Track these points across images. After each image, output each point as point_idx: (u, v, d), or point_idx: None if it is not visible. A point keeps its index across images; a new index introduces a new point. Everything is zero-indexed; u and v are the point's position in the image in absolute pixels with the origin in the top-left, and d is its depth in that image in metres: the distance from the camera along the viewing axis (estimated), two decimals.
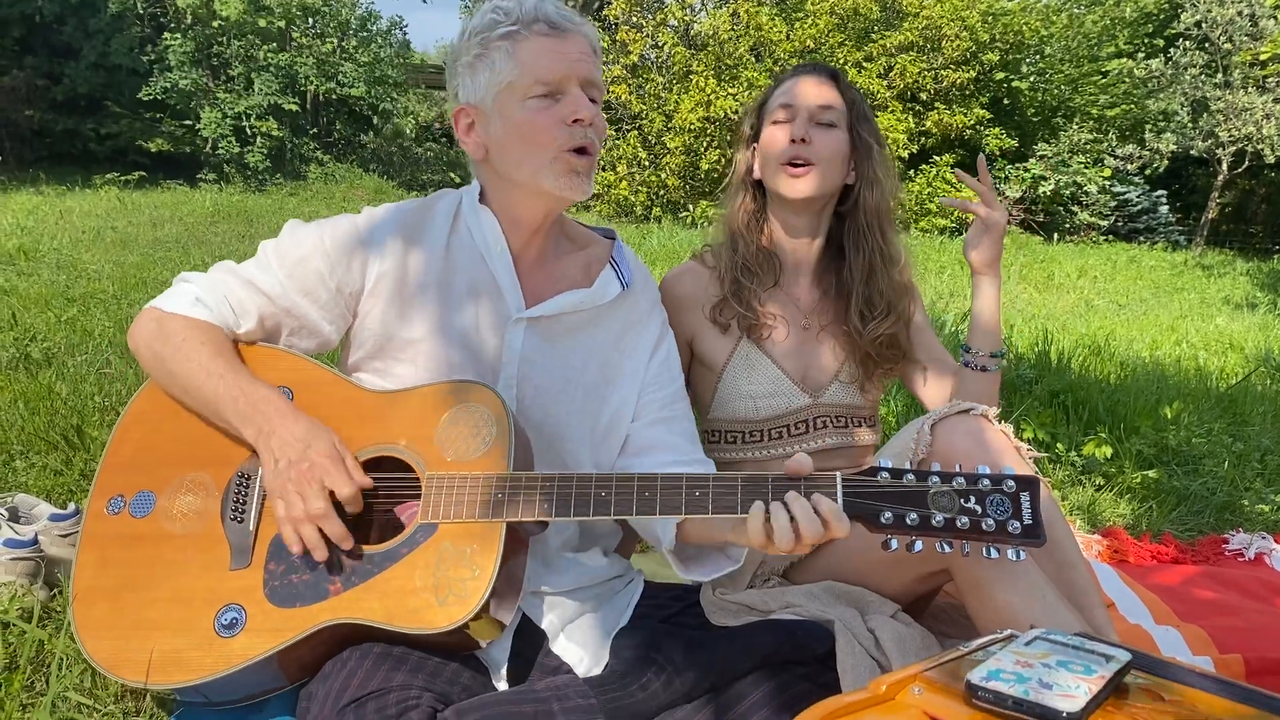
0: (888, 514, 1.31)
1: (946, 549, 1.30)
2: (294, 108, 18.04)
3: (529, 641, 1.58)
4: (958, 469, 1.32)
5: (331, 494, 1.40)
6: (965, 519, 1.29)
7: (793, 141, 1.91)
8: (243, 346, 1.57)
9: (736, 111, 16.62)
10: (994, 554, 1.29)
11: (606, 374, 1.69)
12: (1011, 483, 1.30)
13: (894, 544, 1.32)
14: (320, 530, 1.39)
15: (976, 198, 1.93)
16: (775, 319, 1.98)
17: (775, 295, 2.00)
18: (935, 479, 1.31)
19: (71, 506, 2.13)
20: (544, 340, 1.63)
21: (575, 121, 1.52)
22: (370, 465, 1.48)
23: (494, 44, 1.53)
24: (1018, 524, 1.28)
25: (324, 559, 1.39)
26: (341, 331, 1.64)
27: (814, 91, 1.95)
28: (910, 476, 1.32)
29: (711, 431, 2.04)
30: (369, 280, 1.59)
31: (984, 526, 1.28)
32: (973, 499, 1.29)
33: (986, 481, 1.30)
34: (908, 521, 1.30)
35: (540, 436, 1.61)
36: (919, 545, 1.31)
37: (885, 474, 1.33)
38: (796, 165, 1.91)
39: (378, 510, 1.54)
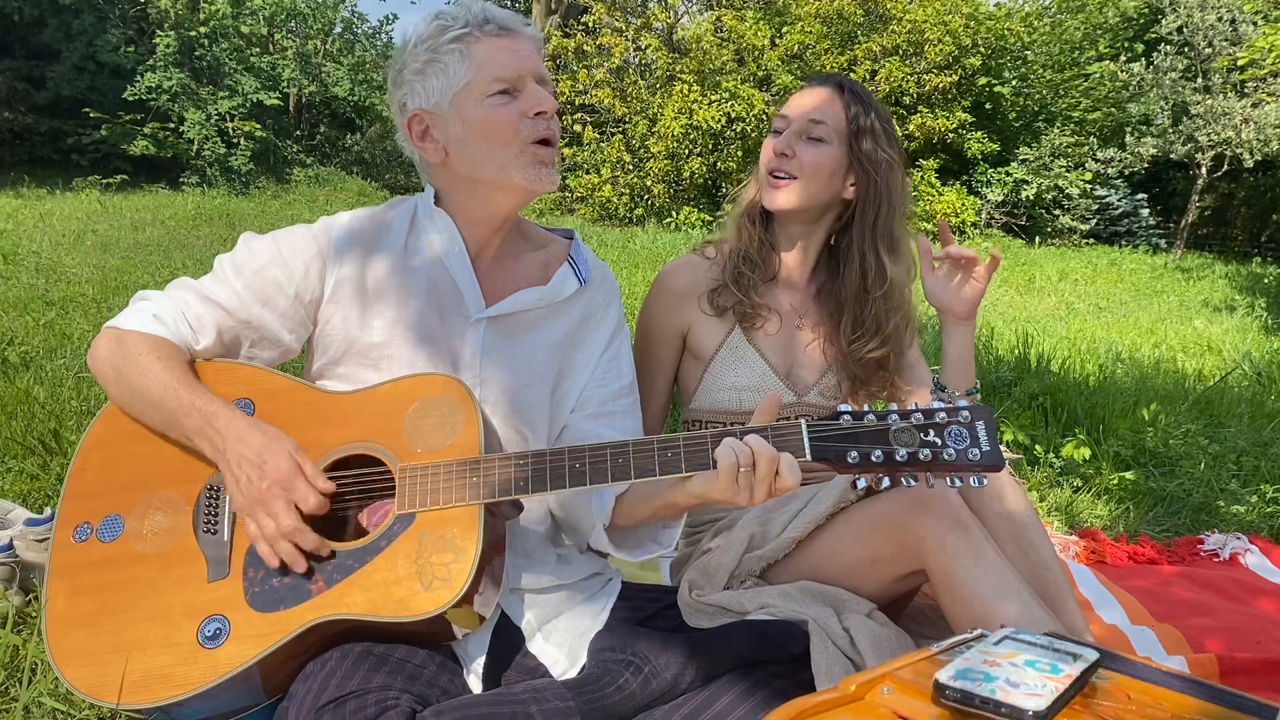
0: (854, 454, 1.35)
1: (912, 482, 1.34)
2: (277, 103, 17.98)
3: (507, 641, 1.58)
4: (914, 406, 1.37)
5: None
6: (927, 451, 1.33)
7: (775, 153, 1.93)
8: (201, 364, 1.56)
9: (718, 120, 16.67)
10: (957, 483, 1.34)
11: (561, 368, 1.71)
12: (967, 413, 1.35)
13: (862, 483, 1.36)
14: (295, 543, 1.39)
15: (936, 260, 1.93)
16: (769, 312, 1.99)
17: (772, 289, 2.03)
18: (894, 416, 1.36)
19: (48, 511, 2.12)
20: (504, 339, 1.65)
21: (538, 114, 1.55)
22: (341, 464, 1.48)
23: (444, 48, 1.54)
24: (976, 451, 1.33)
25: (303, 570, 1.39)
26: (302, 340, 1.64)
27: (809, 103, 1.95)
28: (871, 417, 1.37)
29: (692, 422, 2.05)
30: (328, 287, 1.60)
31: (945, 456, 1.33)
32: (932, 432, 1.34)
33: (943, 414, 1.35)
34: (873, 459, 1.34)
35: (508, 432, 1.63)
36: (886, 481, 1.35)
37: (847, 417, 1.37)
38: (778, 177, 1.93)
39: (353, 509, 1.53)
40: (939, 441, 1.33)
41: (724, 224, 2.14)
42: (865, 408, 1.38)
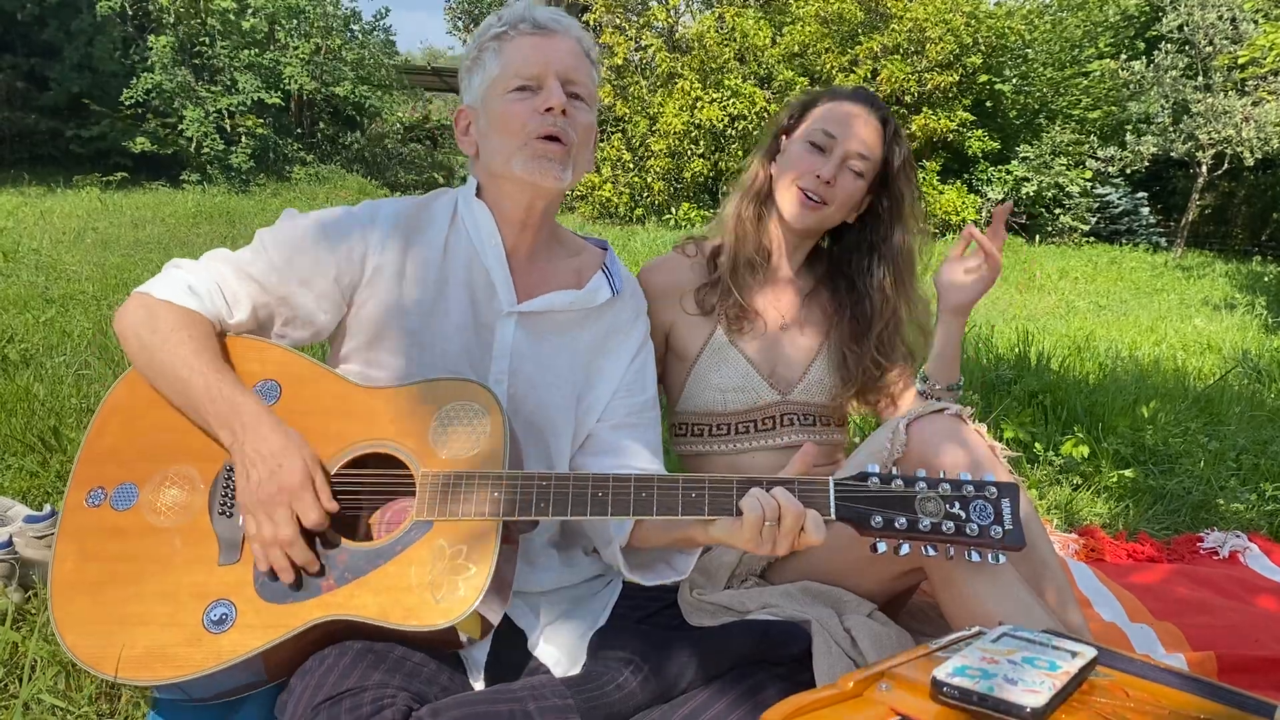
0: (878, 518, 1.36)
1: (931, 552, 1.35)
2: (278, 101, 17.97)
3: (508, 643, 1.58)
4: (942, 475, 1.37)
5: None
6: (950, 524, 1.34)
7: (818, 177, 1.91)
8: (232, 338, 1.56)
9: (721, 120, 16.65)
10: (976, 557, 1.34)
11: (588, 375, 1.71)
12: (994, 489, 1.35)
13: (881, 547, 1.36)
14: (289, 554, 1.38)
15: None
16: (756, 315, 2.00)
17: (761, 291, 2.03)
18: (922, 484, 1.36)
19: (47, 508, 2.12)
20: (533, 337, 1.66)
21: (547, 110, 1.55)
22: (361, 461, 1.47)
23: (486, 45, 1.60)
24: (999, 529, 1.33)
25: (290, 582, 1.38)
26: (335, 321, 1.64)
27: (861, 135, 1.94)
28: (899, 482, 1.37)
29: (679, 425, 2.06)
30: (367, 271, 1.60)
31: (968, 531, 1.33)
32: (957, 504, 1.35)
33: (970, 488, 1.35)
34: (896, 525, 1.35)
35: (531, 429, 1.63)
36: (906, 548, 1.35)
37: (875, 479, 1.38)
38: (812, 199, 1.92)
39: (368, 508, 1.53)
40: (963, 515, 1.34)
41: (713, 221, 2.13)
42: (893, 471, 1.39)
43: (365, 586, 1.38)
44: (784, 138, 2.03)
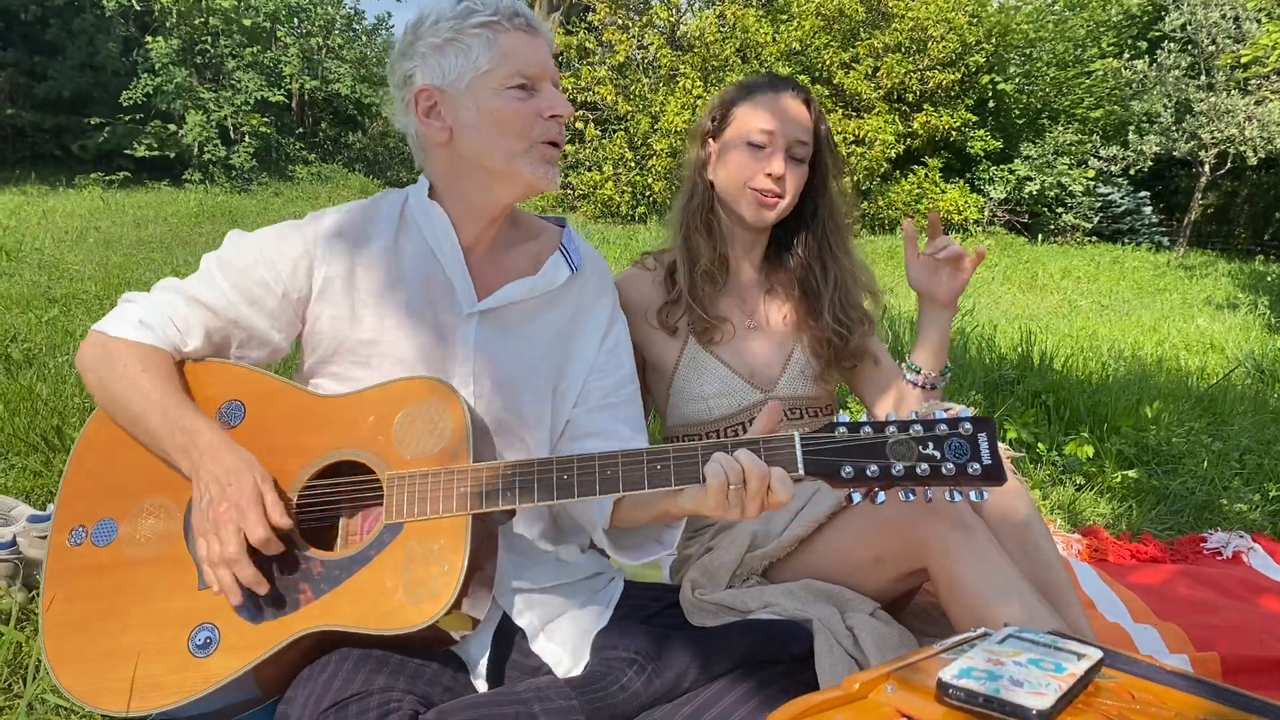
0: (848, 468, 1.30)
1: (910, 497, 1.30)
2: (281, 99, 17.99)
3: (509, 641, 1.58)
4: (913, 415, 1.32)
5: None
6: (925, 465, 1.28)
7: (769, 176, 1.91)
8: (192, 364, 1.55)
9: None
10: (957, 497, 1.30)
11: (560, 360, 1.69)
12: (968, 425, 1.29)
13: (857, 497, 1.32)
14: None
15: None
16: (723, 321, 2.00)
17: (724, 297, 2.03)
18: (892, 429, 1.31)
19: (50, 508, 2.12)
20: (498, 332, 1.63)
21: (553, 117, 1.55)
22: (330, 471, 1.47)
23: (470, 31, 1.53)
24: (977, 465, 1.27)
25: (237, 603, 1.37)
26: (291, 339, 1.62)
27: (797, 122, 1.94)
28: (867, 429, 1.32)
29: (669, 439, 2.05)
30: (316, 284, 1.58)
31: (944, 471, 1.28)
32: (931, 445, 1.29)
33: (943, 426, 1.30)
34: (868, 474, 1.29)
35: (503, 428, 1.62)
36: (882, 496, 1.31)
37: (843, 429, 1.32)
38: (768, 197, 1.93)
39: (347, 514, 1.53)
40: (938, 455, 1.28)
41: (668, 228, 2.12)
42: (863, 419, 1.35)
43: (342, 595, 1.37)
44: (711, 141, 2.02)
